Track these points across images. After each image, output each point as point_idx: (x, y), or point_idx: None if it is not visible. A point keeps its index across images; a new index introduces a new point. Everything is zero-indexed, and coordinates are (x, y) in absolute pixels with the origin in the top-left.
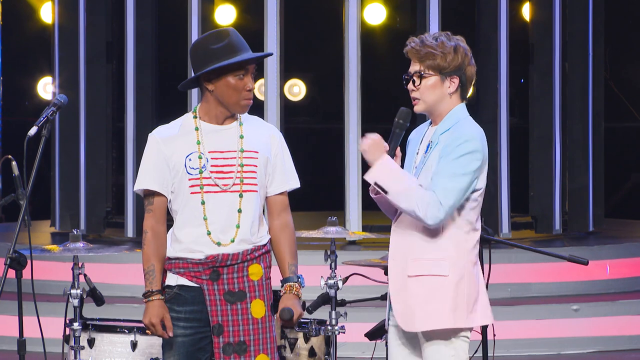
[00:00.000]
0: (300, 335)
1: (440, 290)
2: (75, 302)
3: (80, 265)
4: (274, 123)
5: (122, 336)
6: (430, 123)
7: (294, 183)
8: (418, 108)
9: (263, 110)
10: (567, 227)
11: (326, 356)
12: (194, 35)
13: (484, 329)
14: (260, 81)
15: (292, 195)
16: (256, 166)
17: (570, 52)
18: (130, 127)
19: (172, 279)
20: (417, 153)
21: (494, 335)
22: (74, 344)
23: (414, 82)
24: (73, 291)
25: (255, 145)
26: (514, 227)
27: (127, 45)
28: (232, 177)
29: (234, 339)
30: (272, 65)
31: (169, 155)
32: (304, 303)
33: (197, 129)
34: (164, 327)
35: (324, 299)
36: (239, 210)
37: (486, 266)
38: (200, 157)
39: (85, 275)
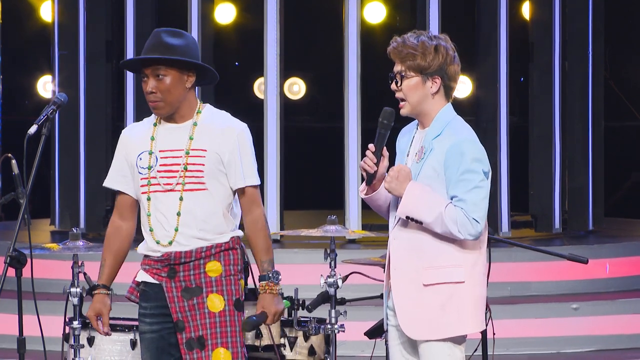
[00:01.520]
0: (300, 333)
1: (458, 297)
2: (75, 300)
3: (80, 264)
4: (274, 122)
5: (121, 335)
6: (418, 124)
7: (250, 180)
8: (403, 111)
9: (263, 108)
10: (567, 226)
11: (326, 355)
12: (194, 34)
13: None
14: (260, 80)
15: (292, 194)
16: (203, 165)
17: (570, 51)
18: None
19: (140, 275)
20: (408, 155)
21: (494, 333)
22: (74, 342)
23: (396, 82)
24: (73, 290)
25: (205, 143)
26: (514, 226)
27: (126, 44)
28: (175, 177)
29: (194, 334)
30: (272, 64)
31: (128, 153)
32: (289, 298)
33: (155, 125)
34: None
35: (324, 298)
36: (178, 214)
37: (486, 265)
38: (150, 154)
39: (85, 274)
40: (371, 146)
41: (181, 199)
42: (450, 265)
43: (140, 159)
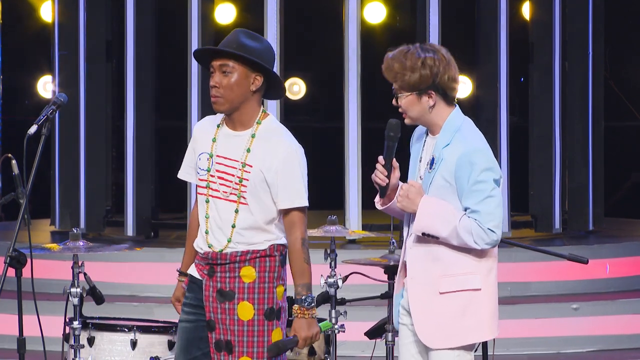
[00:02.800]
0: None
1: (475, 304)
2: (75, 300)
3: (80, 264)
4: None
5: (121, 335)
6: (428, 130)
7: (298, 202)
8: (407, 121)
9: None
10: (567, 226)
11: (326, 355)
12: (194, 34)
13: None
14: None
15: None
16: (248, 180)
17: (570, 52)
18: (130, 126)
19: (191, 269)
20: (420, 161)
21: None
22: (74, 342)
23: (396, 99)
24: (73, 290)
25: (254, 159)
26: (514, 226)
27: (127, 43)
28: (229, 187)
29: (224, 337)
30: None
31: (195, 148)
32: (319, 320)
33: (218, 126)
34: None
35: (324, 298)
36: (233, 226)
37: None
38: (211, 156)
39: (85, 274)
40: (381, 159)
41: (237, 211)
42: (466, 272)
43: (200, 159)
